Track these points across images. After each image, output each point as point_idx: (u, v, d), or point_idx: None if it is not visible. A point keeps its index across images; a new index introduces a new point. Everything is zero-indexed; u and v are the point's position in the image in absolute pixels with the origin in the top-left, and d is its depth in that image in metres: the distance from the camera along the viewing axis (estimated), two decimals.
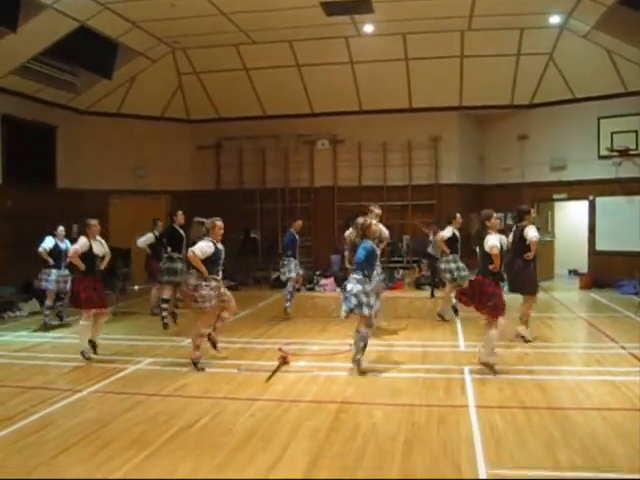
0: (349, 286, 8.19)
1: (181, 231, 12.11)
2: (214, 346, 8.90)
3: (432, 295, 15.64)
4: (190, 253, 8.46)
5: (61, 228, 12.22)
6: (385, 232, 10.45)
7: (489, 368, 8.14)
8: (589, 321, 12.39)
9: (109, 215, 18.12)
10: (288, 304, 12.73)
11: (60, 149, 16.77)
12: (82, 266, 9.46)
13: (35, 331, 11.65)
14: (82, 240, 9.59)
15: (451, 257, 12.19)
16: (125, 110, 18.15)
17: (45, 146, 16.35)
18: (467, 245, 12.76)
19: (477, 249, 8.50)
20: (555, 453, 5.40)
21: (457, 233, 12.32)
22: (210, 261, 8.51)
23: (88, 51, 15.03)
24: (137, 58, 16.78)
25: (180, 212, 12.40)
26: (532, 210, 10.89)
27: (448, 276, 12.24)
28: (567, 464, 5.18)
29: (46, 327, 11.76)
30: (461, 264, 12.21)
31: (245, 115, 19.04)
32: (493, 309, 8.15)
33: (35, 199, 15.19)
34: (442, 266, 12.40)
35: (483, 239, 8.38)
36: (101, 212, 17.73)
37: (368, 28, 15.78)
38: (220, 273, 8.76)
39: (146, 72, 17.58)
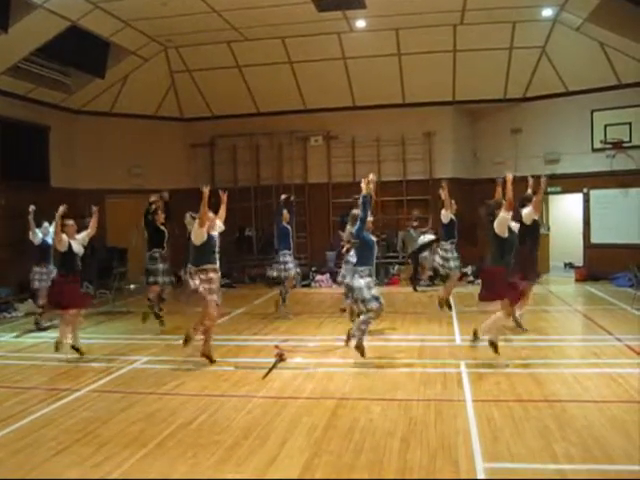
0: (355, 283, 8.56)
1: (162, 227, 11.89)
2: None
3: (414, 289, 15.79)
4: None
5: (46, 224, 11.98)
6: None
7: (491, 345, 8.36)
8: (585, 314, 12.42)
9: (105, 215, 18.03)
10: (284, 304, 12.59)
11: (53, 149, 16.72)
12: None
13: (17, 337, 11.41)
14: (64, 237, 9.50)
15: (448, 246, 12.03)
16: (118, 109, 18.11)
17: (38, 146, 16.29)
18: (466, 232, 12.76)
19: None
20: (552, 446, 5.42)
21: (454, 218, 12.15)
22: (204, 250, 8.63)
23: (80, 51, 14.98)
24: (129, 57, 16.73)
25: (160, 211, 11.99)
26: (534, 197, 10.84)
27: (450, 264, 12.04)
28: (564, 457, 5.20)
29: (39, 327, 11.68)
30: (456, 254, 12.09)
31: (238, 112, 19.02)
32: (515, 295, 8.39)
33: (29, 199, 15.07)
34: (440, 254, 12.19)
35: (492, 223, 8.46)
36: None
37: (360, 24, 15.76)
38: (217, 262, 8.81)
39: (139, 71, 17.54)
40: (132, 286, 17.13)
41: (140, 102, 18.24)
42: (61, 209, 9.51)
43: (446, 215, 12.07)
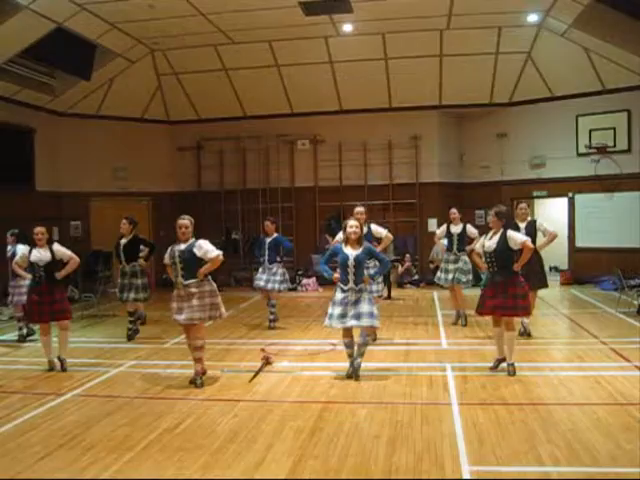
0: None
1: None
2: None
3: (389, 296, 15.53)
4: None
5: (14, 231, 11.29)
6: (381, 232, 10.06)
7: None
8: (570, 317, 12.49)
9: (90, 218, 18.04)
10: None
11: (39, 151, 16.64)
12: (26, 276, 9.08)
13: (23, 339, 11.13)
14: (20, 248, 9.13)
15: (452, 257, 11.65)
16: (104, 112, 18.03)
17: (24, 148, 16.21)
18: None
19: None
20: (537, 448, 5.44)
21: (453, 230, 11.68)
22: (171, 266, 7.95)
23: (66, 53, 14.89)
24: (116, 59, 16.67)
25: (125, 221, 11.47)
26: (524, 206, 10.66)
27: (444, 277, 11.63)
28: (549, 459, 5.21)
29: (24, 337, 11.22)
30: (459, 265, 11.56)
31: (225, 116, 19.01)
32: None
33: (14, 202, 15.05)
34: (441, 266, 11.85)
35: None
36: (82, 215, 17.78)
37: (347, 28, 15.79)
38: (179, 278, 7.84)
39: (125, 73, 17.48)
40: (117, 290, 17.01)
41: (126, 105, 18.18)
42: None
43: (442, 229, 11.89)
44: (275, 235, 12.09)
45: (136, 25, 15.12)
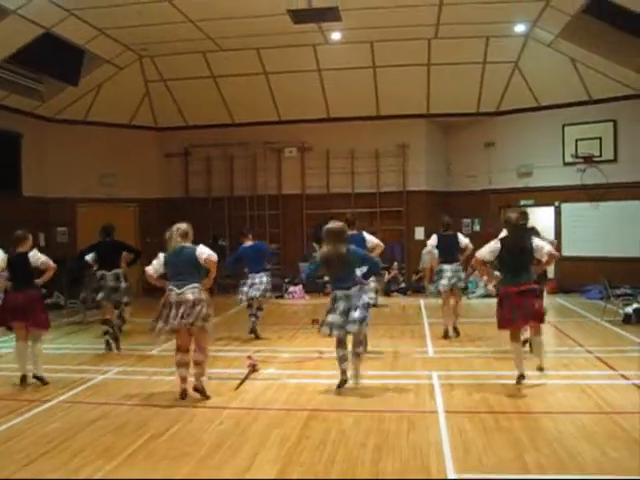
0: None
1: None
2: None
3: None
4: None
5: None
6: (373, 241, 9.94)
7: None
8: (556, 326, 12.52)
9: (77, 224, 17.95)
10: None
11: (26, 157, 16.55)
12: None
13: None
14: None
15: (443, 267, 11.13)
16: (92, 118, 17.97)
17: (10, 154, 16.12)
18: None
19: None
20: (523, 456, 5.44)
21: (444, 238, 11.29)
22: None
23: (54, 58, 14.84)
24: (104, 65, 16.63)
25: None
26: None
27: (432, 288, 11.38)
28: (535, 468, 5.22)
29: None
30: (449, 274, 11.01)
31: (213, 123, 19.00)
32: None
33: (0, 207, 14.96)
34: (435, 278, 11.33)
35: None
36: (68, 221, 17.70)
37: (336, 36, 15.84)
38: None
39: (113, 79, 17.43)
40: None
41: (114, 111, 18.12)
42: None
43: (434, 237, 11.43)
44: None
45: (124, 31, 15.10)
